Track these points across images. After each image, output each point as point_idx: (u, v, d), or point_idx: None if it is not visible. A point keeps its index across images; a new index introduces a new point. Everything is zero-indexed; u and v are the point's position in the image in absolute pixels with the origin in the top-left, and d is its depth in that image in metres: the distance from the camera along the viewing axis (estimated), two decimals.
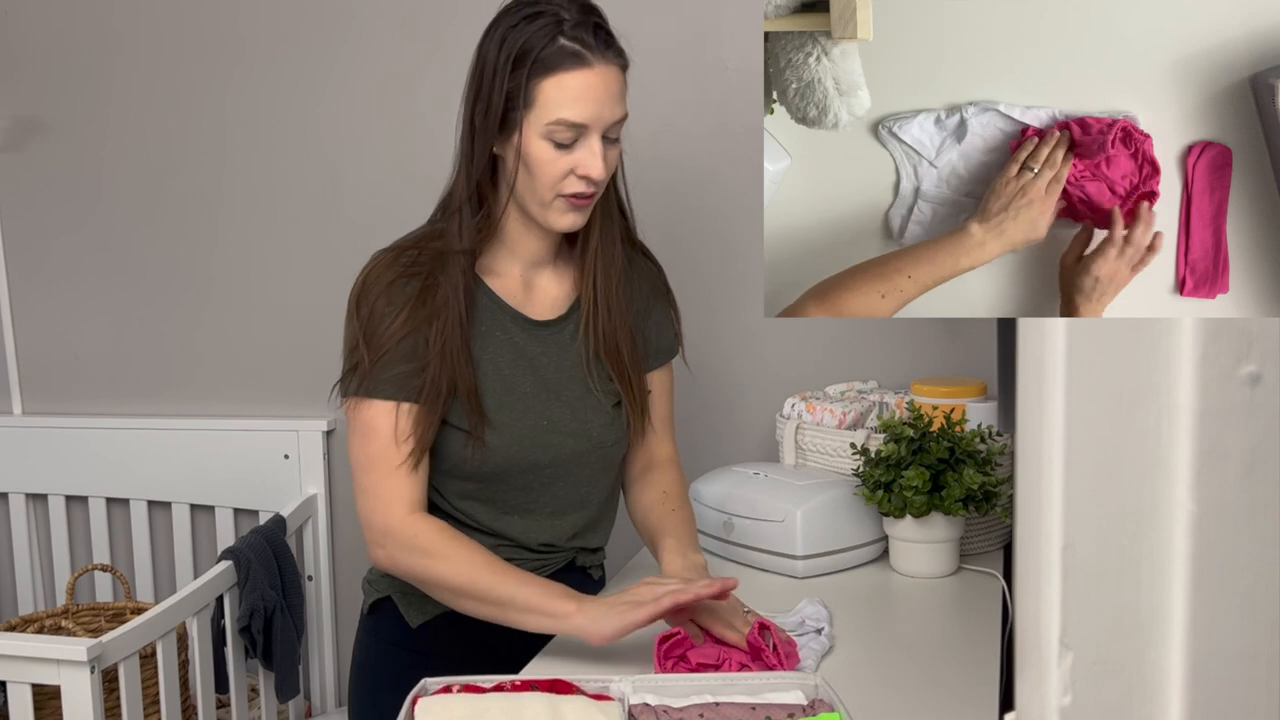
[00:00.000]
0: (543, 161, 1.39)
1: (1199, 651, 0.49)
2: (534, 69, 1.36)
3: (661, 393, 1.64)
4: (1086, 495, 0.50)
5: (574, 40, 1.36)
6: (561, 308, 1.55)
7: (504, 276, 1.52)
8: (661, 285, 1.65)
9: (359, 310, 1.45)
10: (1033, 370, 0.52)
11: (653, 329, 1.62)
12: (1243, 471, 0.48)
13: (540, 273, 1.54)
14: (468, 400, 1.45)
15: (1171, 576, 0.49)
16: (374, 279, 1.45)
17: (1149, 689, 0.50)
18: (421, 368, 1.43)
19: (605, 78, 1.38)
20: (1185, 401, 0.48)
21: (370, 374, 1.43)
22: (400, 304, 1.43)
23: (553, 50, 1.36)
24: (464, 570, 1.40)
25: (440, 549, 1.42)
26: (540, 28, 1.36)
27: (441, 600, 1.45)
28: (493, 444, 1.47)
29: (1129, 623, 0.50)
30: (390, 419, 1.44)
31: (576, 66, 1.36)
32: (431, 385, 1.43)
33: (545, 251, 1.53)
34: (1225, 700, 0.49)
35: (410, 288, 1.44)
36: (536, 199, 1.43)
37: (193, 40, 2.46)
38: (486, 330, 1.49)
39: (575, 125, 1.38)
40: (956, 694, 1.29)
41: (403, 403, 1.44)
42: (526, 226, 1.49)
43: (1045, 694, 0.52)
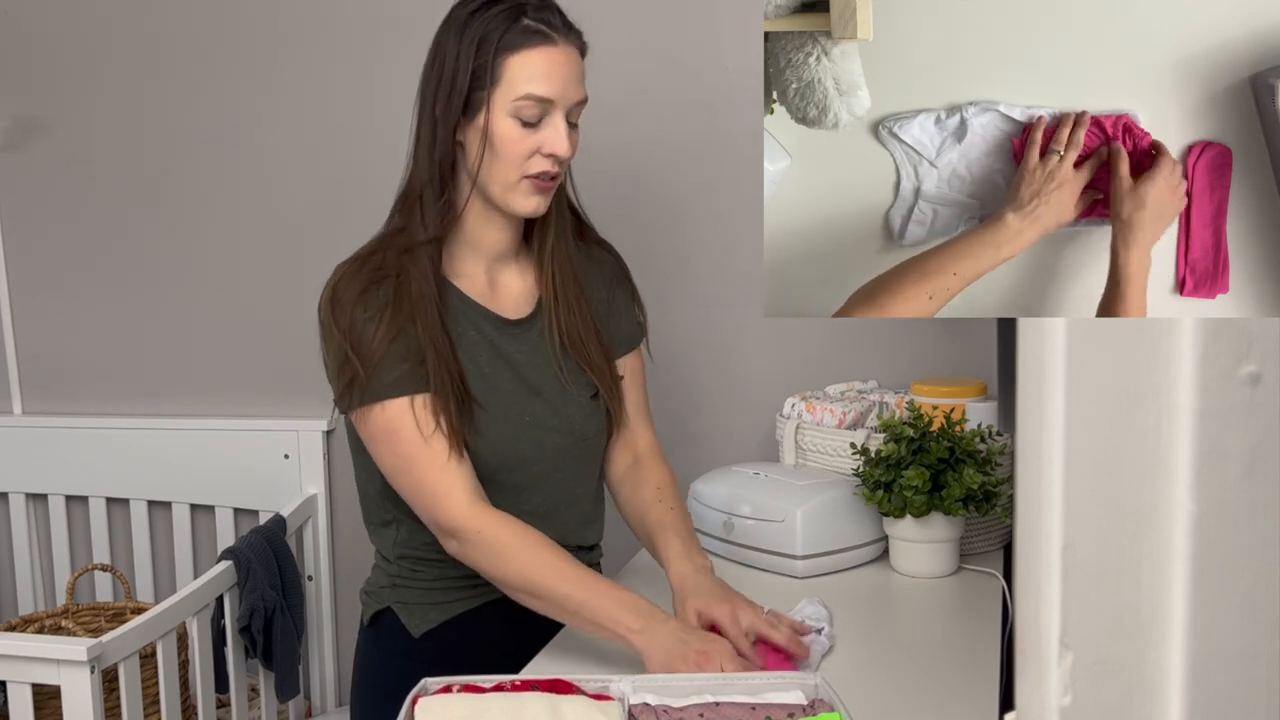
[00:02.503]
0: (509, 140, 1.40)
1: (1199, 651, 0.49)
2: (500, 47, 1.39)
3: (633, 380, 1.64)
4: (1086, 495, 0.50)
5: (537, 20, 1.40)
6: (528, 306, 1.55)
7: (469, 277, 1.51)
8: (621, 273, 1.65)
9: (337, 322, 1.42)
10: (1033, 370, 0.52)
11: (615, 317, 1.63)
12: (1243, 471, 0.48)
13: (504, 269, 1.54)
14: (461, 392, 1.44)
15: (1171, 576, 0.49)
16: (343, 289, 1.43)
17: (1149, 689, 0.50)
18: (420, 361, 1.42)
19: (568, 56, 1.41)
20: (1185, 401, 0.48)
21: (370, 382, 1.41)
22: (378, 309, 1.42)
23: (517, 29, 1.39)
24: (532, 573, 1.38)
25: (507, 548, 1.40)
26: (501, 12, 1.40)
27: (508, 595, 1.43)
28: (481, 441, 1.47)
29: (1129, 623, 0.50)
30: (409, 416, 1.41)
31: (542, 43, 1.39)
32: (435, 372, 1.42)
33: (507, 245, 1.52)
34: (1225, 700, 0.49)
35: (383, 292, 1.43)
36: (501, 181, 1.43)
37: (193, 41, 2.46)
38: (461, 331, 1.48)
39: (543, 100, 1.39)
40: (956, 694, 1.29)
41: (416, 395, 1.41)
42: (488, 218, 1.49)
43: (1045, 694, 0.52)
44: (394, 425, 1.42)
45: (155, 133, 2.51)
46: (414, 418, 1.41)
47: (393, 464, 1.44)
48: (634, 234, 1.68)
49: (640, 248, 1.69)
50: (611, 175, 1.58)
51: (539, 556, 1.39)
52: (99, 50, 2.51)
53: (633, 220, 1.68)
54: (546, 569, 1.38)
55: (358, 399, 1.42)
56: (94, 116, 2.54)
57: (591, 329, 1.56)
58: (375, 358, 1.40)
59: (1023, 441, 0.54)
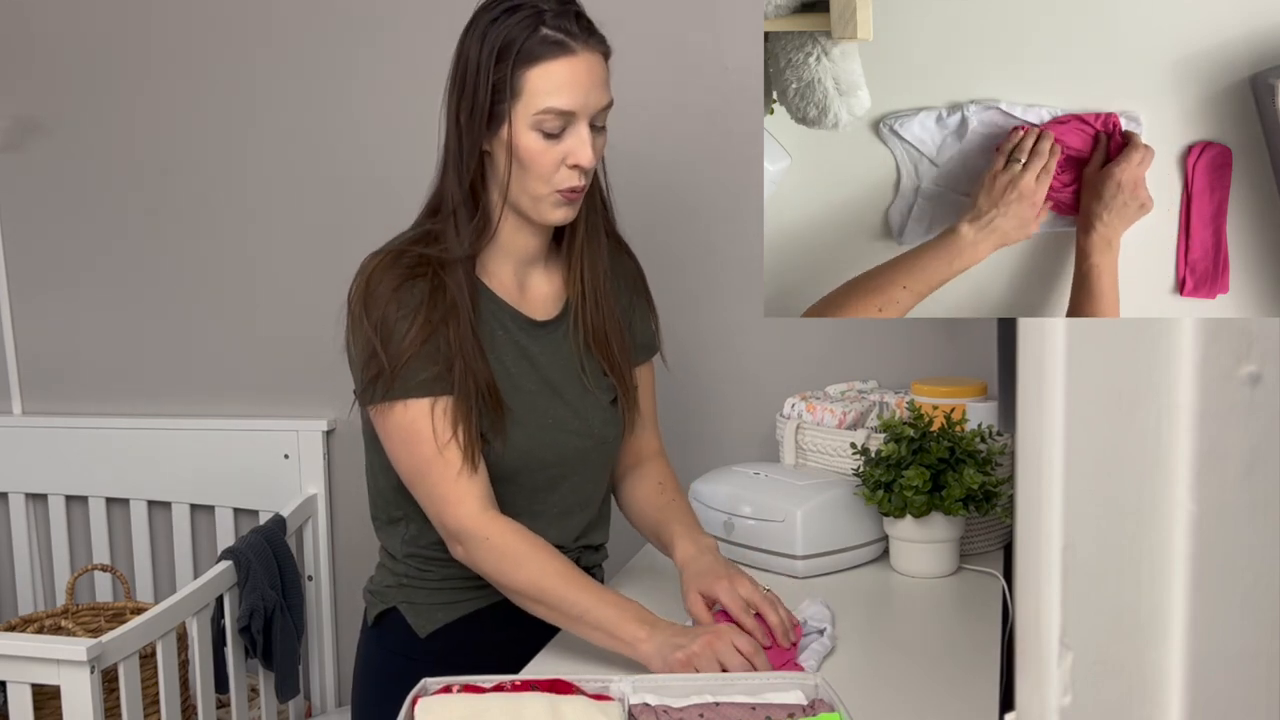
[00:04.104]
0: (533, 152, 1.39)
1: (1199, 651, 0.49)
2: (518, 60, 1.36)
3: (645, 389, 1.66)
4: (1086, 495, 0.50)
5: (556, 29, 1.37)
6: (554, 308, 1.55)
7: (499, 276, 1.51)
8: (642, 284, 1.66)
9: (368, 315, 1.41)
10: (1033, 370, 0.52)
11: (636, 325, 1.64)
12: (1243, 471, 0.48)
13: (532, 272, 1.54)
14: (489, 395, 1.44)
15: (1171, 576, 0.49)
16: (376, 282, 1.42)
17: (1149, 689, 0.50)
18: (448, 368, 1.42)
19: (590, 64, 1.39)
20: (1185, 401, 0.47)
21: (396, 379, 1.40)
22: (411, 308, 1.41)
23: (536, 40, 1.36)
24: (538, 580, 1.39)
25: (515, 554, 1.40)
26: (520, 20, 1.37)
27: (513, 601, 1.44)
28: (503, 442, 1.47)
29: (1129, 623, 0.50)
30: (428, 420, 1.41)
31: (561, 54, 1.37)
32: (460, 379, 1.42)
33: (538, 249, 1.53)
34: (1225, 700, 0.49)
35: (418, 289, 1.42)
36: (530, 194, 1.43)
37: (193, 41, 2.46)
38: (489, 330, 1.48)
39: (563, 113, 1.38)
40: (956, 694, 1.29)
41: (439, 398, 1.41)
42: (520, 225, 1.49)
43: (1045, 694, 0.52)
44: (415, 427, 1.42)
45: (155, 133, 2.51)
46: (432, 422, 1.41)
47: (409, 464, 1.44)
48: (633, 234, 1.67)
49: (640, 248, 1.69)
50: (611, 175, 1.58)
51: (546, 564, 1.40)
52: (99, 50, 2.51)
53: (632, 220, 1.68)
54: (553, 576, 1.39)
55: (381, 394, 1.42)
56: (94, 116, 2.54)
57: (617, 327, 1.56)
58: (404, 357, 1.40)
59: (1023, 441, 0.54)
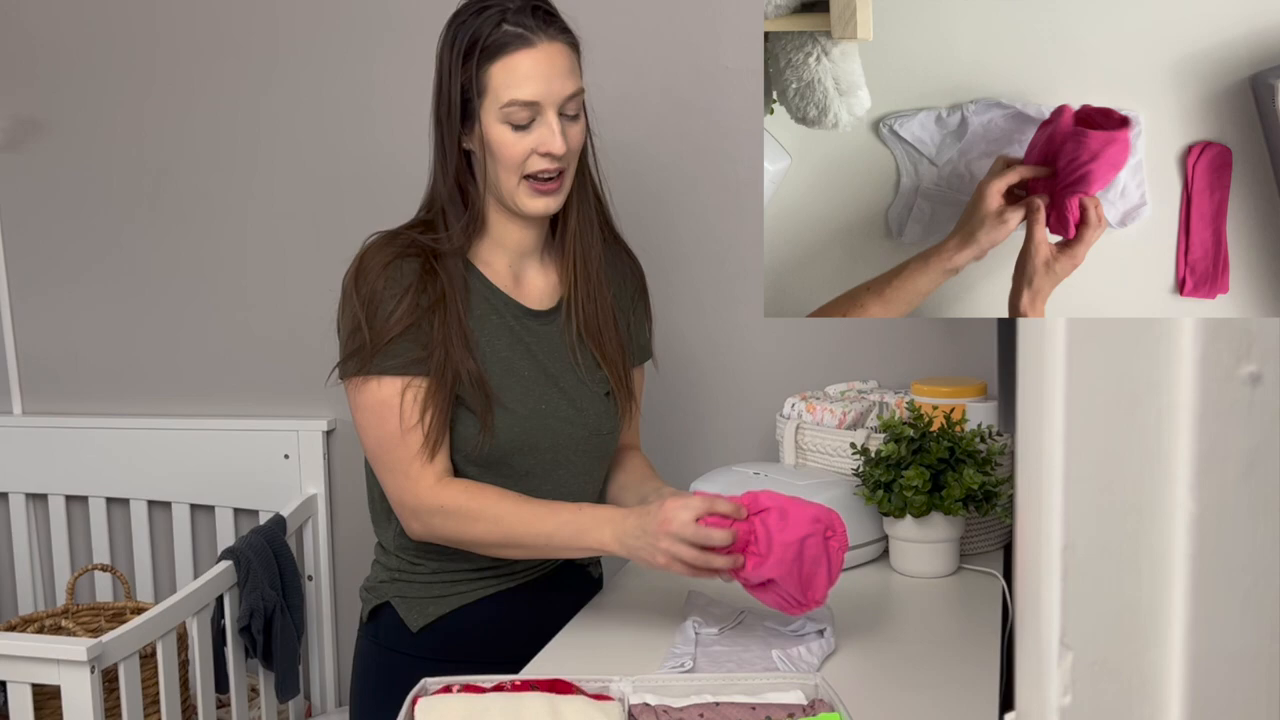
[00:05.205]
0: (503, 145, 1.44)
1: (1199, 651, 0.49)
2: (482, 57, 1.42)
3: (636, 390, 1.68)
4: (1086, 495, 0.50)
5: (516, 25, 1.42)
6: (550, 300, 1.57)
7: (494, 267, 1.54)
8: (643, 286, 1.69)
9: (357, 290, 1.45)
10: (1033, 370, 0.52)
11: (633, 326, 1.66)
12: (1243, 471, 0.48)
13: (527, 265, 1.57)
14: (475, 386, 1.46)
15: (1171, 576, 0.49)
16: (370, 258, 1.47)
17: (1149, 689, 0.50)
18: (429, 354, 1.45)
19: (550, 54, 1.43)
20: (1185, 401, 0.47)
21: (375, 354, 1.44)
22: (401, 287, 1.45)
23: (497, 36, 1.42)
24: (496, 526, 1.43)
25: (469, 510, 1.44)
26: (485, 19, 1.43)
27: (488, 554, 1.48)
28: (499, 425, 1.48)
29: (1129, 623, 0.50)
30: (399, 399, 1.44)
31: (521, 47, 1.42)
32: (438, 367, 1.44)
33: (530, 243, 1.55)
34: (1225, 700, 0.49)
35: (409, 267, 1.46)
36: (504, 184, 1.47)
37: (193, 41, 2.46)
38: (482, 315, 1.51)
39: (528, 104, 1.42)
40: (956, 694, 1.29)
41: (413, 378, 1.44)
42: (508, 218, 1.52)
43: (1045, 694, 0.52)
44: (387, 404, 1.45)
45: (155, 133, 2.51)
46: (402, 403, 1.44)
47: (373, 439, 1.48)
48: (633, 234, 1.68)
49: (640, 248, 1.69)
50: (611, 175, 1.58)
51: (502, 505, 1.43)
52: (99, 50, 2.51)
53: (632, 220, 1.69)
54: (510, 517, 1.43)
55: (356, 367, 1.46)
56: (94, 116, 2.54)
57: (610, 320, 1.58)
58: (387, 335, 1.44)
59: (1023, 441, 0.54)
